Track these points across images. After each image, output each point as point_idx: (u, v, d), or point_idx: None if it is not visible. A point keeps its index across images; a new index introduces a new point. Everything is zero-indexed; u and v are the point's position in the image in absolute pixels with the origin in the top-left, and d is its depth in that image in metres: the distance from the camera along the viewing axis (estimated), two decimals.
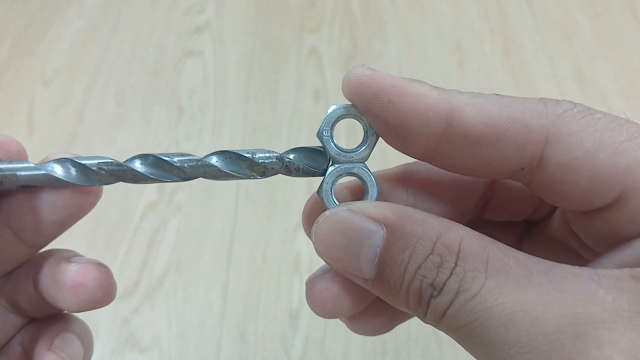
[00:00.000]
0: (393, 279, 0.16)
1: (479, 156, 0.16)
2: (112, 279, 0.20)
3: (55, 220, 0.19)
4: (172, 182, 0.18)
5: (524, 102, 0.16)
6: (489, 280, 0.14)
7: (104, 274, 0.20)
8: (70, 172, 0.18)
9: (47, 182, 0.18)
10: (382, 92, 0.16)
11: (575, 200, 0.16)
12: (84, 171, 0.18)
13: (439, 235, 0.15)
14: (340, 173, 0.18)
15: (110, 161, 0.18)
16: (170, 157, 0.18)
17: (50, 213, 0.19)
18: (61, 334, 0.21)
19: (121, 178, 0.18)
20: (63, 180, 0.18)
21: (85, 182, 0.18)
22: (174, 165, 0.18)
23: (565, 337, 0.13)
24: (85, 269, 0.19)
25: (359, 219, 0.16)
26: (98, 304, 0.19)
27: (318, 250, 0.17)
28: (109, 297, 0.20)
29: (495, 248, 0.15)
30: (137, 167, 0.18)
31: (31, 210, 0.18)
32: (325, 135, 0.18)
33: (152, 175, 0.18)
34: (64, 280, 0.19)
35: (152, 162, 0.18)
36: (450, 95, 0.16)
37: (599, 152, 0.15)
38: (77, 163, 0.18)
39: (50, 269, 0.20)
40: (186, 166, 0.18)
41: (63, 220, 0.19)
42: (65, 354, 0.21)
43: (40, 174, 0.17)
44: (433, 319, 0.15)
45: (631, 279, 0.14)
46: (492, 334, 0.14)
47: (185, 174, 0.18)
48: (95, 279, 0.19)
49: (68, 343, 0.21)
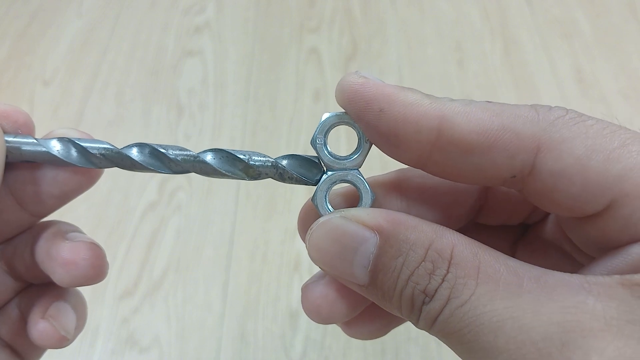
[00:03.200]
0: (386, 285, 0.16)
1: (471, 164, 0.16)
2: (104, 258, 0.20)
3: (56, 193, 0.20)
4: (166, 174, 0.19)
5: (516, 109, 0.16)
6: (480, 287, 0.14)
7: (96, 253, 0.20)
8: (71, 153, 0.19)
9: (49, 160, 0.19)
10: (374, 101, 0.16)
11: (567, 207, 0.16)
12: (84, 153, 0.19)
13: (431, 242, 0.15)
14: (334, 180, 0.18)
15: (109, 147, 0.19)
16: (166, 150, 0.19)
17: (51, 186, 0.19)
18: (55, 302, 0.22)
19: (118, 164, 0.19)
20: (63, 160, 0.19)
21: (85, 163, 0.19)
22: (169, 158, 0.18)
23: (552, 345, 0.13)
24: (78, 248, 0.20)
25: (353, 226, 0.16)
26: (88, 281, 0.20)
27: (312, 257, 0.17)
28: (100, 275, 0.20)
29: (487, 255, 0.15)
30: (134, 156, 0.19)
31: (34, 182, 0.19)
32: (319, 143, 0.18)
33: (148, 165, 0.19)
34: (56, 256, 0.20)
35: (149, 153, 0.19)
36: (441, 104, 0.16)
37: (591, 159, 0.15)
38: (78, 144, 0.19)
39: (45, 242, 0.20)
40: (180, 160, 0.19)
41: (63, 193, 0.20)
42: (58, 322, 0.21)
43: (43, 151, 0.18)
44: (425, 324, 0.16)
45: (621, 286, 0.14)
46: (482, 341, 0.14)
47: (180, 168, 0.19)
48: (87, 257, 0.20)
49: (62, 312, 0.22)
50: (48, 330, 0.21)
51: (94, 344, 0.47)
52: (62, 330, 0.21)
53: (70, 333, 0.21)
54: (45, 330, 0.21)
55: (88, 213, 0.55)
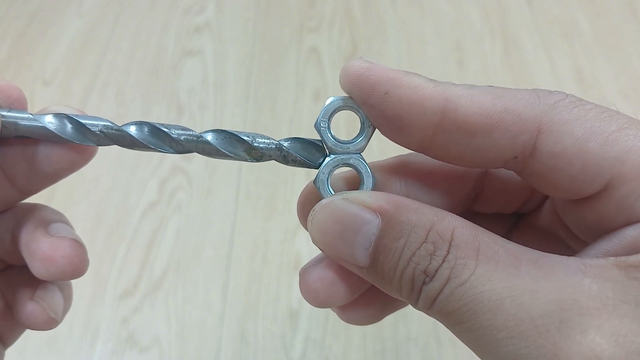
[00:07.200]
0: (387, 266, 0.16)
1: (474, 146, 0.16)
2: (85, 255, 0.20)
3: (48, 171, 0.19)
4: (167, 153, 0.19)
5: (517, 92, 0.16)
6: (479, 267, 0.15)
7: (76, 250, 0.20)
8: (68, 129, 0.18)
9: (45, 136, 0.18)
10: (380, 84, 0.16)
11: (566, 188, 0.16)
12: (82, 130, 0.18)
13: (432, 224, 0.16)
14: (336, 163, 0.19)
15: (109, 124, 0.18)
16: (169, 129, 0.18)
17: (44, 164, 0.19)
18: (43, 284, 0.21)
19: (117, 142, 0.18)
20: (60, 136, 0.18)
21: (82, 140, 0.18)
22: (172, 137, 0.18)
23: (550, 322, 0.14)
24: (58, 244, 0.19)
25: (355, 208, 0.16)
26: (66, 278, 0.20)
27: (314, 238, 0.18)
28: (78, 272, 0.20)
29: (486, 237, 0.15)
30: (134, 134, 0.18)
31: (26, 158, 0.19)
32: (323, 127, 0.18)
33: (149, 144, 0.18)
34: (36, 250, 0.19)
35: (150, 131, 0.18)
36: (445, 87, 0.16)
37: (590, 141, 0.15)
38: (75, 120, 0.18)
39: (27, 233, 0.20)
40: (183, 139, 0.18)
41: (56, 172, 0.19)
42: (47, 304, 0.21)
43: (39, 126, 0.18)
44: (424, 305, 0.16)
45: (616, 268, 0.14)
46: (481, 319, 0.14)
47: (182, 148, 0.18)
48: (66, 255, 0.19)
49: (49, 293, 0.21)
50: (37, 312, 0.21)
51: (94, 344, 0.47)
52: (51, 312, 0.21)
53: (58, 315, 0.21)
54: (34, 312, 0.21)
55: (88, 213, 0.55)
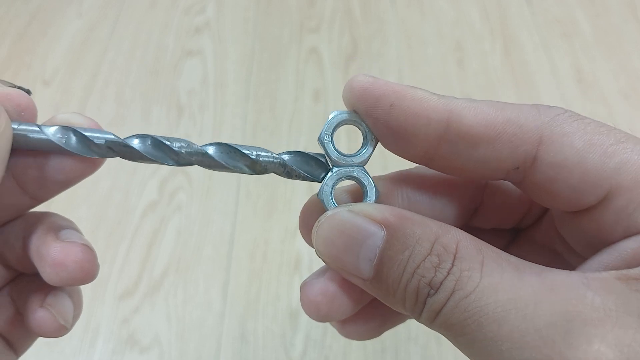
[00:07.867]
0: (391, 278, 0.16)
1: (476, 156, 0.17)
2: (95, 260, 0.20)
3: (60, 179, 0.20)
4: (170, 165, 0.19)
5: (519, 106, 0.17)
6: (484, 279, 0.15)
7: (87, 255, 0.20)
8: (73, 142, 0.19)
9: (52, 148, 0.19)
10: (384, 97, 0.17)
11: (566, 199, 0.17)
12: (87, 143, 0.19)
13: (437, 237, 0.16)
14: (340, 176, 0.19)
15: (113, 138, 0.19)
16: (171, 142, 0.19)
17: (55, 172, 0.19)
18: (53, 291, 0.22)
19: (121, 155, 0.19)
20: (66, 150, 0.19)
21: (87, 153, 0.19)
22: (174, 150, 0.19)
23: (556, 332, 0.14)
24: (68, 249, 0.20)
25: (360, 220, 0.17)
26: (77, 283, 0.20)
27: (318, 250, 0.18)
28: (89, 278, 0.20)
29: (490, 250, 0.16)
30: (138, 147, 0.19)
31: (37, 166, 0.19)
32: (326, 140, 0.19)
33: (152, 157, 0.19)
34: (46, 256, 0.19)
35: (152, 144, 0.19)
36: (449, 100, 0.17)
37: (589, 152, 0.16)
38: (80, 134, 0.19)
39: (37, 238, 0.20)
40: (185, 153, 0.19)
41: (67, 179, 0.20)
42: (57, 311, 0.21)
43: (46, 140, 0.18)
44: (428, 317, 0.16)
45: (618, 281, 0.14)
46: (485, 331, 0.14)
47: (184, 161, 0.19)
48: (77, 260, 0.19)
49: (59, 300, 0.21)
50: (47, 319, 0.21)
51: (94, 344, 0.47)
52: (61, 319, 0.21)
53: (68, 322, 0.21)
54: (44, 319, 0.21)
55: (88, 213, 0.55)
